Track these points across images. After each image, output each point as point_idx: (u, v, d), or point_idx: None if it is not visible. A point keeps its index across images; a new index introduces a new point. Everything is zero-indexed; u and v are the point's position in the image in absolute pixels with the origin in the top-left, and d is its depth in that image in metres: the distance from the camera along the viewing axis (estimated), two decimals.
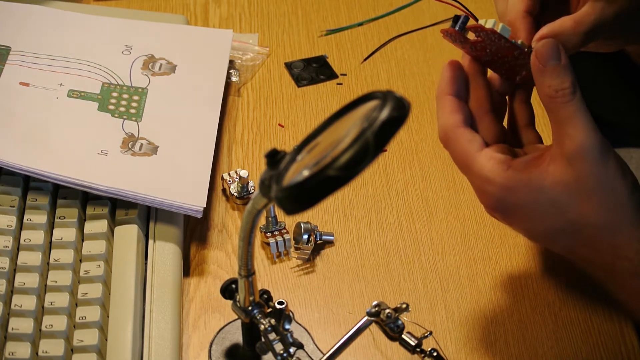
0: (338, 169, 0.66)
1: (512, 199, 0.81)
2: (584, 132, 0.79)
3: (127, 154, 0.97)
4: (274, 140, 1.06)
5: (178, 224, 0.95)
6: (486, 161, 0.82)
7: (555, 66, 0.80)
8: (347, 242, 0.97)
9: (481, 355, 0.88)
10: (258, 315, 0.82)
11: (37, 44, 1.06)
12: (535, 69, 0.81)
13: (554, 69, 0.80)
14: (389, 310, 0.82)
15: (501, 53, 0.83)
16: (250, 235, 0.78)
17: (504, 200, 0.81)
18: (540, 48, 0.81)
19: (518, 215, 0.82)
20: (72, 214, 0.93)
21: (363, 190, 1.01)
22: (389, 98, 0.68)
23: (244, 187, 0.99)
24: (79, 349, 0.85)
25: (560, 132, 0.80)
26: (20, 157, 0.94)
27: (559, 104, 0.80)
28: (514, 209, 0.82)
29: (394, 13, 1.19)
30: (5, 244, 0.90)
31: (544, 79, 0.80)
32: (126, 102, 1.02)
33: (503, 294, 0.93)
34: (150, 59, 1.07)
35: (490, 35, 0.82)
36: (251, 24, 1.18)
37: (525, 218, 0.82)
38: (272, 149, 0.71)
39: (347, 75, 1.13)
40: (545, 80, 0.80)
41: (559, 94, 0.80)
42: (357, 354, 0.88)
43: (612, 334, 0.90)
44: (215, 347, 0.88)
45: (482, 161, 0.82)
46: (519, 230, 0.85)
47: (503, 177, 0.81)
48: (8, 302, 0.87)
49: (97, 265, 0.90)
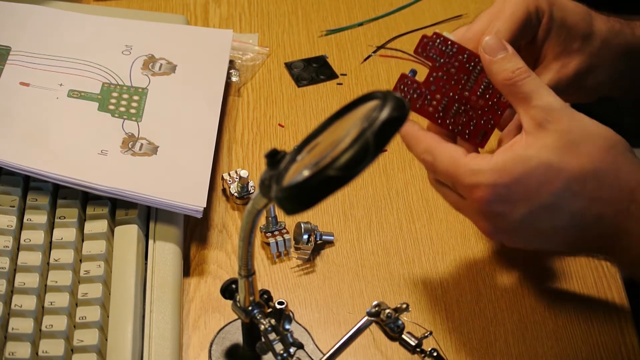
0: (338, 169, 0.66)
1: (506, 178, 0.81)
2: (550, 97, 0.82)
3: (127, 154, 0.97)
4: (274, 140, 1.06)
5: (178, 224, 0.95)
6: (471, 159, 0.83)
7: (505, 55, 0.84)
8: (347, 242, 0.97)
9: (481, 355, 0.88)
10: (258, 315, 0.82)
11: (37, 44, 1.06)
12: (487, 62, 0.84)
13: (504, 57, 0.84)
14: (389, 310, 0.82)
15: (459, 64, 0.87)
16: (250, 235, 0.78)
17: (497, 184, 0.81)
18: (486, 44, 0.84)
19: (517, 196, 0.81)
20: (72, 214, 0.93)
21: (363, 190, 1.01)
22: (389, 98, 0.68)
23: (244, 187, 0.99)
24: (79, 349, 0.85)
25: (527, 107, 0.82)
26: (20, 157, 0.94)
27: (518, 82, 0.83)
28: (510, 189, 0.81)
29: (394, 13, 1.19)
30: (5, 244, 0.90)
31: (498, 67, 0.84)
32: (126, 102, 1.02)
33: (503, 294, 0.93)
34: (150, 59, 1.07)
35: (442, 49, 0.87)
36: (251, 24, 1.18)
37: (525, 197, 0.81)
38: (272, 149, 0.71)
39: (347, 75, 1.13)
40: (499, 68, 0.84)
41: (516, 74, 0.83)
42: (357, 354, 0.88)
43: (612, 334, 0.90)
44: (215, 347, 0.88)
45: (467, 161, 0.83)
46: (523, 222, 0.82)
47: (491, 163, 0.82)
48: (8, 302, 0.87)
49: (97, 265, 0.90)
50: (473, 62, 0.86)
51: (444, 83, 0.87)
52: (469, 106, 0.87)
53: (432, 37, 0.87)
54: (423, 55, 0.87)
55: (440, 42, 0.87)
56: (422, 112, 0.88)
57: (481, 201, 0.82)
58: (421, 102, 0.87)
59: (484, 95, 0.87)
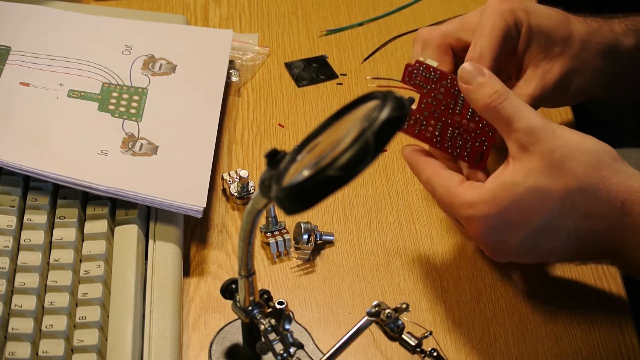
0: (338, 169, 0.66)
1: (496, 209, 0.82)
2: (530, 117, 0.82)
3: (127, 154, 0.97)
4: (274, 140, 1.06)
5: (178, 224, 0.95)
6: (464, 190, 0.84)
7: (482, 80, 0.84)
8: (347, 242, 0.97)
9: (481, 355, 0.88)
10: (258, 315, 0.82)
11: (37, 44, 1.06)
12: (465, 91, 0.85)
13: (481, 83, 0.84)
14: (389, 310, 0.82)
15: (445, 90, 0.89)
16: (250, 235, 0.78)
17: (489, 216, 0.82)
18: (461, 72, 0.85)
19: (511, 223, 0.83)
20: (72, 214, 0.93)
21: (363, 190, 1.01)
22: (389, 98, 0.68)
23: (244, 187, 0.99)
24: (79, 349, 0.85)
25: (509, 132, 0.83)
26: (20, 157, 0.94)
27: (497, 106, 0.83)
28: (503, 219, 0.82)
29: (394, 13, 1.19)
30: (5, 244, 0.90)
31: (476, 94, 0.84)
32: (126, 102, 1.02)
33: (503, 294, 0.93)
34: (150, 59, 1.07)
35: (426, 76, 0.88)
36: (251, 24, 1.18)
37: (519, 222, 0.82)
38: (272, 149, 0.71)
39: (347, 75, 1.13)
40: (477, 94, 0.84)
41: (494, 97, 0.83)
42: (357, 354, 0.88)
43: (612, 334, 0.90)
44: (215, 347, 0.88)
45: (460, 191, 0.84)
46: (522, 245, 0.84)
47: (480, 195, 0.83)
48: (8, 302, 0.87)
49: (97, 265, 0.90)
50: (457, 87, 0.87)
51: (434, 108, 0.89)
52: (462, 129, 0.89)
53: (415, 65, 0.89)
54: (410, 84, 0.89)
55: (423, 69, 0.89)
56: (421, 137, 0.90)
57: (478, 233, 0.84)
58: (418, 128, 0.89)
59: (473, 118, 0.88)
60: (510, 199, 0.82)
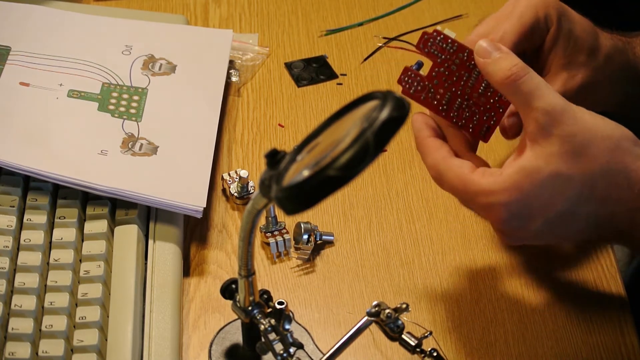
0: (338, 169, 0.66)
1: (518, 196, 0.81)
2: (550, 98, 0.80)
3: (127, 154, 0.97)
4: (274, 140, 1.06)
5: (178, 224, 0.95)
6: (481, 177, 0.82)
7: (500, 55, 0.83)
8: (347, 242, 0.97)
9: (481, 355, 0.88)
10: (258, 315, 0.82)
11: (37, 44, 1.06)
12: (482, 64, 0.83)
13: (499, 57, 0.82)
14: (389, 310, 0.82)
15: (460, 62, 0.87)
16: (250, 235, 0.78)
17: (511, 202, 0.81)
18: (478, 47, 0.83)
19: (531, 210, 0.81)
20: (72, 214, 0.93)
21: (363, 190, 1.01)
22: (389, 98, 0.68)
23: (244, 187, 0.99)
24: (79, 349, 0.85)
25: (528, 109, 0.81)
26: (20, 157, 0.94)
27: (517, 80, 0.81)
28: (524, 205, 0.81)
29: (394, 13, 1.19)
30: (5, 244, 0.90)
31: (494, 67, 0.82)
32: (126, 102, 1.02)
33: (503, 294, 0.93)
34: (150, 59, 1.07)
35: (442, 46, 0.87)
36: (251, 24, 1.18)
37: (540, 209, 0.81)
38: (272, 149, 0.71)
39: (347, 75, 1.12)
40: (495, 68, 0.82)
41: (514, 70, 0.81)
42: (357, 354, 0.88)
43: (612, 334, 0.90)
44: (215, 347, 0.88)
45: (476, 179, 0.82)
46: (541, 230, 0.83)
47: (500, 182, 0.81)
48: (8, 302, 0.87)
49: (97, 265, 0.90)
50: (473, 61, 0.86)
51: (446, 78, 0.87)
52: (471, 102, 0.87)
53: (433, 34, 0.87)
54: (424, 51, 0.87)
55: (440, 39, 0.87)
56: (426, 104, 0.88)
57: (498, 220, 0.82)
58: (425, 95, 0.88)
59: (485, 93, 0.87)
60: (532, 185, 0.80)
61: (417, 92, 0.88)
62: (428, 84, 0.87)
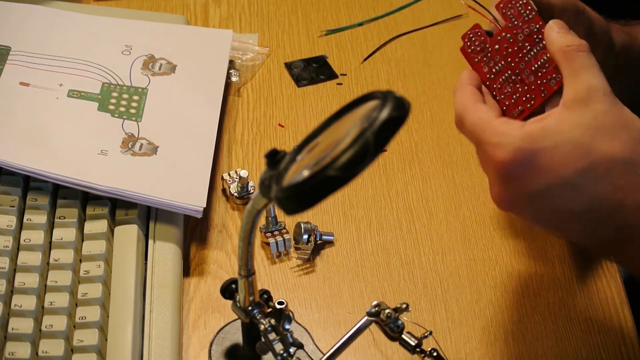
0: (338, 169, 0.66)
1: (528, 145, 0.78)
2: (598, 76, 0.80)
3: (127, 154, 0.97)
4: (274, 140, 1.06)
5: (178, 224, 0.95)
6: (501, 122, 0.80)
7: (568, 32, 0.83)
8: (347, 242, 0.97)
9: (481, 355, 0.88)
10: (258, 315, 0.82)
11: (37, 44, 1.06)
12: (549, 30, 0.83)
13: (568, 32, 0.83)
14: (389, 310, 0.82)
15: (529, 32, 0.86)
16: (250, 235, 0.78)
17: (521, 148, 0.78)
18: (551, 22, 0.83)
19: (537, 166, 0.78)
20: (72, 214, 0.93)
21: (363, 190, 1.01)
22: (389, 98, 0.68)
23: (244, 187, 0.99)
24: (79, 349, 0.85)
25: (574, 78, 0.80)
26: (20, 157, 0.94)
27: (574, 52, 0.81)
28: (533, 156, 0.78)
29: (394, 13, 1.19)
30: (5, 244, 0.90)
31: (559, 36, 0.82)
32: (126, 102, 1.02)
33: (503, 294, 0.93)
34: (150, 59, 1.07)
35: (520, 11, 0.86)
36: (251, 24, 1.18)
37: (546, 168, 0.78)
38: (272, 149, 0.71)
39: (347, 75, 1.13)
40: (559, 36, 0.82)
41: (575, 45, 0.81)
42: (357, 354, 0.88)
43: (612, 334, 0.90)
44: (215, 347, 0.88)
45: (497, 122, 0.81)
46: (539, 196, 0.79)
47: (517, 128, 0.79)
48: (8, 302, 0.87)
49: (97, 265, 0.90)
50: (541, 35, 0.85)
51: (508, 45, 0.86)
52: (519, 78, 0.86)
53: None
54: (502, 12, 0.86)
55: (521, 4, 0.86)
56: (478, 68, 0.87)
57: (502, 162, 0.79)
58: (480, 58, 0.87)
59: (536, 72, 0.85)
60: (549, 142, 0.78)
61: (474, 53, 0.87)
62: (489, 47, 0.87)
